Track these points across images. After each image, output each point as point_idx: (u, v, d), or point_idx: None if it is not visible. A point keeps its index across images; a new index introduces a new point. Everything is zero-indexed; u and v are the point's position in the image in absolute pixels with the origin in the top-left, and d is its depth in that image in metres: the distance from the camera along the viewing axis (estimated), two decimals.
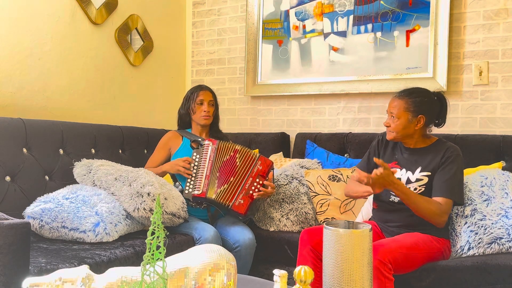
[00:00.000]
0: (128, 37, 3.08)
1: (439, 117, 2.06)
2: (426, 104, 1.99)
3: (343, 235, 1.17)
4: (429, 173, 1.95)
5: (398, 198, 1.95)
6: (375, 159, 1.84)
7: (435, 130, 2.72)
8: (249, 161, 2.27)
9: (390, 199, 2.00)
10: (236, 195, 2.21)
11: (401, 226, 1.98)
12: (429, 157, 1.98)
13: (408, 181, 1.98)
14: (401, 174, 2.01)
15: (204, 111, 2.43)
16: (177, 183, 2.37)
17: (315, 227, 1.96)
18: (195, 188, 2.23)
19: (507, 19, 2.58)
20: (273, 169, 2.31)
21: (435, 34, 2.70)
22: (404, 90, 2.04)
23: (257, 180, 2.24)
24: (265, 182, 2.25)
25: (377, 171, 1.79)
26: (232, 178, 2.24)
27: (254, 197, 2.23)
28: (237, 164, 2.26)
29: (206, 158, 2.27)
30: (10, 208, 1.93)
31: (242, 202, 2.20)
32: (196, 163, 2.28)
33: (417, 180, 1.97)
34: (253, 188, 2.23)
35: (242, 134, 3.19)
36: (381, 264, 1.66)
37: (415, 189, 1.95)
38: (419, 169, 1.98)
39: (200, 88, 2.50)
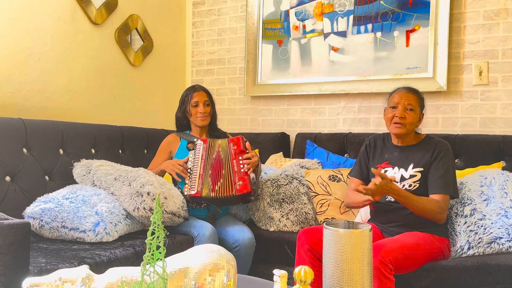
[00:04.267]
0: (128, 37, 3.08)
1: None
2: (424, 104, 2.12)
3: (343, 235, 1.16)
4: (422, 169, 1.99)
5: None
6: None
7: (434, 129, 2.73)
8: (225, 149, 2.30)
9: (387, 199, 2.01)
10: (233, 181, 2.22)
11: (401, 226, 1.98)
12: (419, 153, 2.02)
13: (402, 178, 2.01)
14: (394, 172, 2.03)
15: (200, 112, 2.43)
16: (176, 186, 2.37)
17: (313, 227, 1.97)
18: (191, 188, 2.24)
19: (507, 19, 2.58)
20: (246, 140, 2.32)
21: (435, 34, 2.70)
22: (410, 87, 2.11)
23: (239, 158, 2.26)
24: (246, 156, 2.26)
25: (375, 181, 1.81)
26: (223, 170, 2.26)
27: (248, 172, 2.23)
28: (221, 156, 2.29)
29: (199, 157, 2.30)
30: (10, 208, 1.93)
31: (241, 183, 2.21)
32: (191, 164, 2.29)
33: (411, 176, 2.00)
34: (241, 166, 2.24)
35: (242, 134, 3.18)
36: (382, 265, 1.65)
37: (410, 185, 1.98)
38: (411, 165, 2.01)
39: (193, 90, 2.48)
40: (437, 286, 1.83)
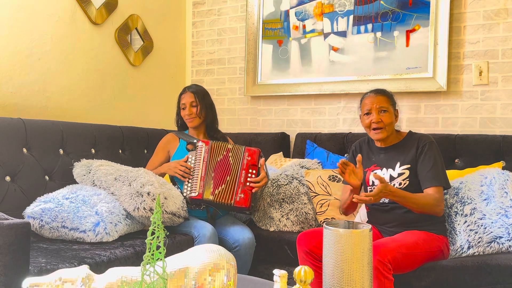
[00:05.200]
0: (128, 37, 3.08)
1: None
2: (395, 101, 2.11)
3: (343, 235, 1.16)
4: (409, 165, 1.99)
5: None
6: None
7: (434, 129, 2.73)
8: (238, 156, 2.29)
9: (381, 201, 2.00)
10: (235, 192, 2.22)
11: (398, 226, 1.98)
12: (404, 151, 2.03)
13: (391, 178, 2.01)
14: (383, 173, 2.04)
15: (186, 114, 2.42)
16: (175, 186, 2.37)
17: (311, 230, 1.97)
18: (192, 190, 2.23)
19: (507, 19, 2.58)
20: (262, 156, 2.31)
21: (435, 34, 2.70)
22: (376, 89, 2.11)
23: (250, 170, 2.26)
24: (254, 179, 2.25)
25: (375, 189, 1.82)
26: (228, 177, 2.25)
27: (253, 190, 2.23)
28: (230, 162, 2.28)
29: (200, 159, 2.28)
30: (10, 208, 1.93)
31: (242, 196, 2.21)
32: (192, 165, 2.28)
33: (399, 175, 2.00)
34: (248, 179, 2.24)
35: (242, 134, 3.19)
36: (381, 264, 1.66)
37: (400, 184, 1.98)
38: (398, 164, 2.02)
39: (182, 92, 2.49)
40: (437, 286, 1.83)
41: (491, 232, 1.90)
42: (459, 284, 1.80)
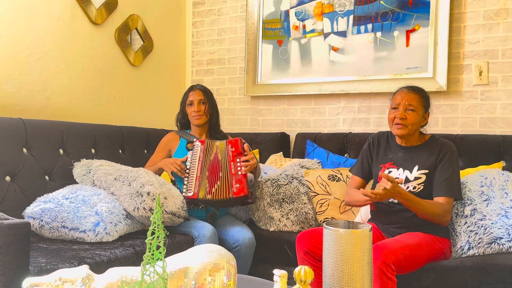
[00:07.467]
0: (128, 37, 3.08)
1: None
2: (429, 103, 2.06)
3: (343, 235, 1.16)
4: (427, 171, 1.96)
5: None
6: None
7: (434, 129, 2.73)
8: (224, 151, 2.30)
9: (390, 201, 1.98)
10: (230, 184, 2.22)
11: (402, 227, 1.97)
12: (424, 155, 1.99)
13: (407, 180, 1.98)
14: (399, 173, 2.01)
15: (194, 111, 2.43)
16: (175, 186, 2.37)
17: (311, 230, 1.96)
18: (188, 190, 2.24)
19: (507, 19, 2.58)
20: (244, 142, 2.32)
21: (435, 34, 2.70)
22: (413, 86, 2.05)
23: (237, 160, 2.26)
24: (244, 158, 2.25)
25: (385, 185, 1.78)
26: (220, 173, 2.25)
27: (245, 174, 2.22)
28: (219, 158, 2.29)
29: (196, 159, 2.30)
30: (10, 208, 1.93)
31: (238, 185, 2.21)
32: (189, 165, 2.29)
33: (416, 178, 1.97)
34: (238, 168, 2.24)
35: (242, 134, 3.19)
36: (385, 265, 1.64)
37: (414, 187, 1.96)
38: (416, 167, 1.99)
39: (190, 89, 2.51)
40: (437, 286, 1.83)
41: (491, 233, 1.90)
42: (459, 284, 1.80)
